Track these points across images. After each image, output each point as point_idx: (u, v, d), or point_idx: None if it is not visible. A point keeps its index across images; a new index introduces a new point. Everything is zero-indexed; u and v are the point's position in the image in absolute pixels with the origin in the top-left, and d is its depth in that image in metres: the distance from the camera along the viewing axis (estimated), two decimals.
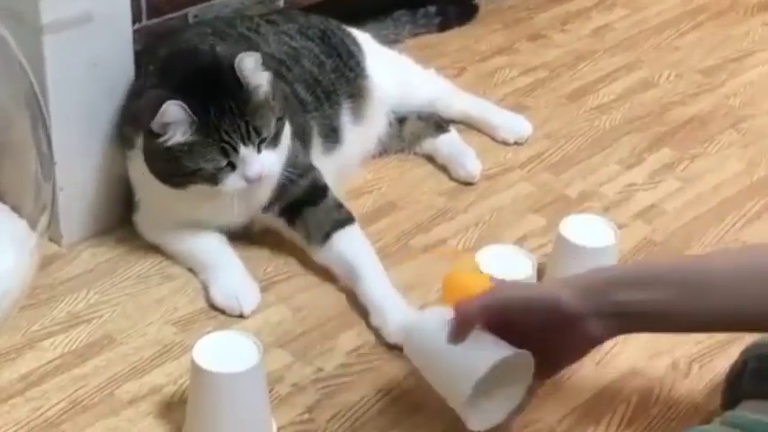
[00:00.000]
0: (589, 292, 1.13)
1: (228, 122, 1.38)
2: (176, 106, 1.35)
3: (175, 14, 1.74)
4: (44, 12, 1.38)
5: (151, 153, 1.41)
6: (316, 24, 1.72)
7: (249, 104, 1.39)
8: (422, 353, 1.21)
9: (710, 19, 2.24)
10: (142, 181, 1.50)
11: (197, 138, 1.37)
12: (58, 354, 1.36)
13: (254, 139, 1.40)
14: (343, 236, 1.48)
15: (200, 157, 1.38)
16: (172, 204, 1.48)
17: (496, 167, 1.76)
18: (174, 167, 1.40)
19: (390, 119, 1.75)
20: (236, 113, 1.38)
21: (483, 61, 2.04)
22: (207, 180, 1.40)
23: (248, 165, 1.40)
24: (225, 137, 1.38)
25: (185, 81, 1.39)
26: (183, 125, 1.36)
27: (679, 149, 1.82)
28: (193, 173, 1.39)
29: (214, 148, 1.38)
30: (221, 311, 1.44)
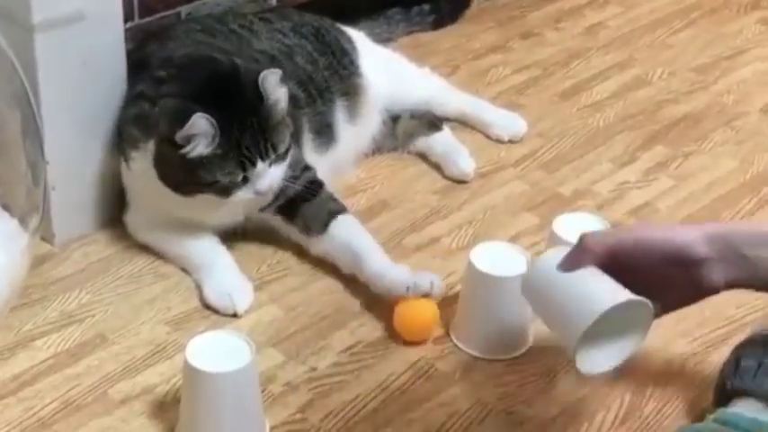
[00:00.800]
0: (719, 240, 1.09)
1: (250, 138, 1.38)
2: (204, 120, 1.34)
3: (168, 13, 1.73)
4: (35, 10, 1.38)
5: (165, 161, 1.40)
6: (309, 22, 1.72)
7: (269, 121, 1.40)
8: (539, 292, 1.16)
9: (703, 17, 2.24)
10: (138, 182, 1.49)
11: (218, 151, 1.37)
12: (50, 353, 1.36)
13: (270, 155, 1.40)
14: (339, 223, 1.49)
15: (218, 170, 1.37)
16: (166, 206, 1.47)
17: (490, 166, 1.76)
18: (189, 178, 1.39)
19: (384, 117, 1.75)
20: (257, 129, 1.38)
21: (476, 59, 2.04)
22: (219, 192, 1.40)
23: (260, 179, 1.40)
24: (245, 152, 1.37)
25: (208, 93, 1.38)
26: (207, 138, 1.35)
27: (672, 147, 1.82)
28: (208, 185, 1.39)
29: (233, 162, 1.37)
30: (214, 311, 1.43)
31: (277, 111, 1.41)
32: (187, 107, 1.35)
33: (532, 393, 1.33)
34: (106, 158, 1.53)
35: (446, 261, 1.54)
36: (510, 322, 1.38)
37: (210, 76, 1.42)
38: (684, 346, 1.40)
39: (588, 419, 1.29)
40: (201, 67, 1.45)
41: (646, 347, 1.39)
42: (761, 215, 1.66)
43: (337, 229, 1.49)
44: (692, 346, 1.40)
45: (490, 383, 1.34)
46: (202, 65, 1.46)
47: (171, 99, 1.40)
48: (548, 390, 1.33)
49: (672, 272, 1.10)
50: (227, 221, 1.51)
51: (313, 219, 1.50)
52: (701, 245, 1.09)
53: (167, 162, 1.40)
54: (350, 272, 1.47)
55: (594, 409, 1.31)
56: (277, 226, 1.53)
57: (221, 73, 1.42)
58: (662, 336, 1.40)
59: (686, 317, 1.40)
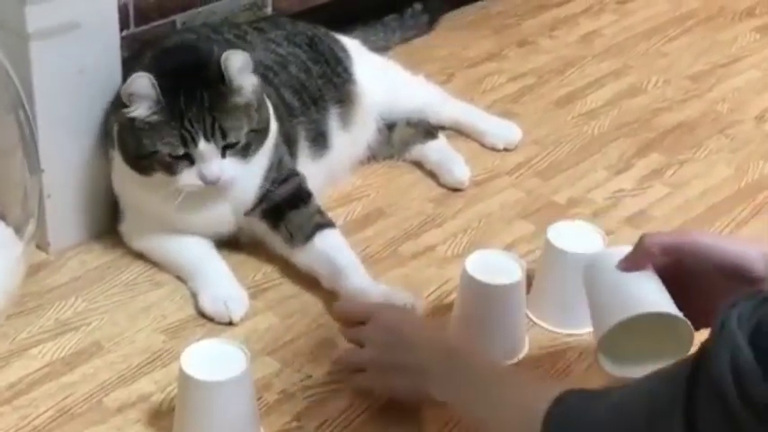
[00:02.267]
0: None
1: (195, 112, 1.37)
2: (145, 79, 1.35)
3: (163, 21, 1.74)
4: (30, 19, 1.38)
5: (121, 128, 1.42)
6: (303, 31, 1.72)
7: (224, 102, 1.39)
8: (591, 285, 1.20)
9: (698, 25, 2.24)
10: (123, 184, 1.50)
11: (160, 117, 1.37)
12: (45, 362, 1.36)
13: (217, 138, 1.38)
14: (324, 237, 1.48)
15: (158, 139, 1.37)
16: (150, 208, 1.48)
17: (485, 174, 1.76)
18: (136, 145, 1.39)
19: (379, 125, 1.75)
20: (205, 106, 1.38)
21: (471, 67, 2.05)
22: (164, 167, 1.39)
23: (206, 164, 1.39)
24: (187, 125, 1.37)
25: (170, 64, 1.40)
26: (148, 100, 1.36)
27: (667, 155, 1.82)
28: (151, 154, 1.39)
29: (174, 133, 1.37)
30: (210, 319, 1.43)
31: (238, 95, 1.40)
32: (137, 71, 1.37)
33: None
34: (101, 167, 1.53)
35: (441, 269, 1.54)
36: (506, 330, 1.38)
37: (181, 55, 1.44)
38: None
39: None
40: (176, 50, 1.49)
41: None
42: (755, 223, 1.66)
43: (321, 242, 1.48)
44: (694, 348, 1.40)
45: None
46: (178, 47, 1.50)
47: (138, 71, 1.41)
48: None
49: (724, 284, 1.10)
50: (215, 229, 1.51)
51: (298, 228, 1.49)
52: (760, 262, 1.09)
53: (121, 131, 1.41)
54: (329, 286, 1.46)
55: None
56: (262, 233, 1.52)
57: (192, 52, 1.44)
58: None
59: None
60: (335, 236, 1.50)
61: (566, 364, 1.38)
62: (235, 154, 1.41)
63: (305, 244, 1.48)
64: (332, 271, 1.46)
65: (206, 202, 1.45)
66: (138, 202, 1.50)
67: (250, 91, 1.42)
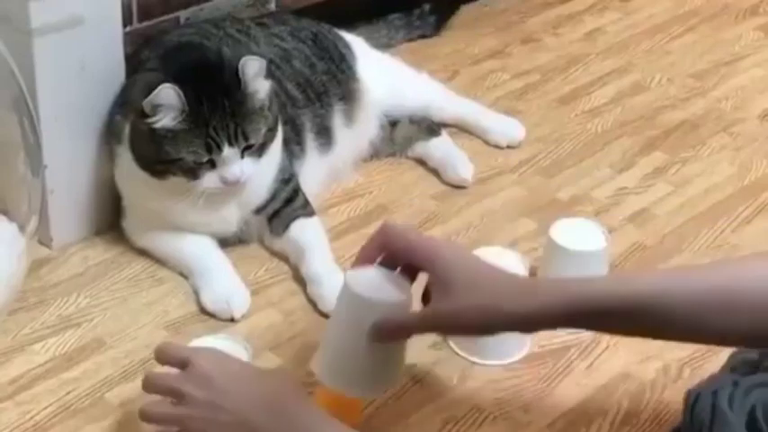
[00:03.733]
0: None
1: (219, 119, 1.38)
2: (172, 90, 1.35)
3: (166, 17, 1.73)
4: (34, 15, 1.38)
5: (137, 135, 1.42)
6: (307, 27, 1.72)
7: (243, 107, 1.40)
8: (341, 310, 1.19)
9: (702, 23, 2.24)
10: (128, 181, 1.50)
11: (184, 126, 1.37)
12: (48, 357, 1.36)
13: (240, 142, 1.40)
14: (299, 224, 1.52)
15: (183, 147, 1.38)
16: (156, 206, 1.48)
17: (488, 171, 1.76)
18: (156, 152, 1.39)
19: (382, 122, 1.75)
20: (227, 113, 1.38)
21: (475, 65, 2.05)
22: (185, 173, 1.40)
23: (228, 166, 1.40)
24: (212, 132, 1.38)
25: (185, 69, 1.40)
26: (173, 110, 1.37)
27: (670, 153, 1.82)
28: (173, 162, 1.39)
29: (199, 141, 1.38)
30: (212, 315, 1.43)
31: (254, 99, 1.41)
32: (159, 78, 1.37)
33: (530, 399, 1.33)
34: (104, 163, 1.53)
35: None
36: None
37: (191, 57, 1.44)
38: (682, 352, 1.39)
39: (585, 426, 1.29)
40: (186, 50, 1.48)
41: (643, 354, 1.39)
42: (758, 221, 1.66)
43: (295, 229, 1.52)
44: (688, 351, 1.40)
45: (487, 389, 1.34)
46: (188, 49, 1.49)
47: (150, 72, 1.42)
48: (545, 396, 1.33)
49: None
50: (221, 227, 1.51)
51: (280, 220, 1.52)
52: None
53: (139, 136, 1.41)
54: (297, 267, 1.50)
55: (592, 415, 1.31)
56: (258, 228, 1.55)
57: (203, 55, 1.44)
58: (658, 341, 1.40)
59: None
60: (311, 223, 1.53)
61: (567, 363, 1.38)
62: (251, 154, 1.42)
63: (282, 233, 1.52)
64: (298, 255, 1.49)
65: (216, 202, 1.45)
66: (143, 201, 1.50)
67: (265, 94, 1.43)
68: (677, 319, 1.03)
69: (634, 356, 1.39)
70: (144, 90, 1.37)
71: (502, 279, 1.11)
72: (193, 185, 1.41)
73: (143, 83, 1.40)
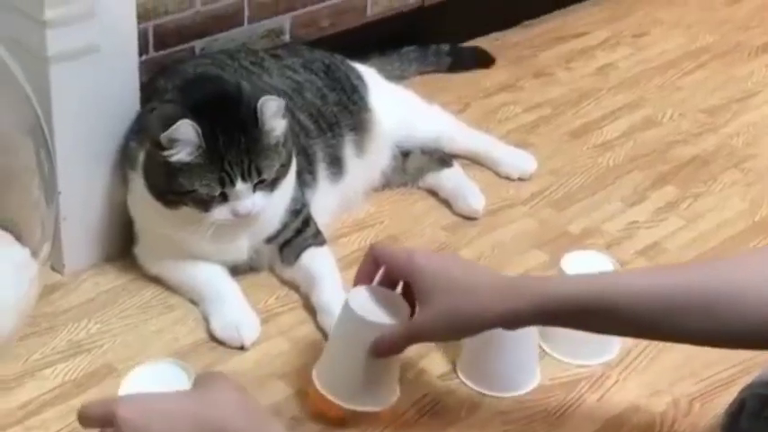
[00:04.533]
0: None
1: (234, 155, 1.39)
2: (190, 126, 1.36)
3: (182, 47, 1.75)
4: (51, 42, 1.39)
5: (151, 165, 1.43)
6: (320, 58, 1.73)
7: (258, 144, 1.41)
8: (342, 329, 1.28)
9: (714, 59, 2.25)
10: (141, 208, 1.51)
11: (200, 160, 1.38)
12: (58, 383, 1.36)
13: (253, 177, 1.41)
14: (310, 254, 1.53)
15: (197, 180, 1.39)
16: (167, 232, 1.48)
17: (499, 203, 1.76)
18: (169, 183, 1.40)
19: (394, 152, 1.75)
20: (242, 149, 1.39)
21: (487, 97, 2.05)
22: (197, 204, 1.41)
23: (240, 200, 1.41)
24: (227, 167, 1.39)
25: (203, 103, 1.41)
26: (190, 145, 1.38)
27: (682, 188, 1.82)
28: (186, 193, 1.40)
29: (213, 175, 1.39)
30: (221, 343, 1.43)
31: (270, 137, 1.42)
32: (177, 112, 1.38)
33: (540, 431, 1.32)
34: (117, 190, 1.54)
35: None
36: (518, 358, 1.37)
37: (211, 91, 1.45)
38: (692, 387, 1.39)
39: None
40: (206, 83, 1.49)
41: (654, 387, 1.39)
42: None
43: (306, 258, 1.53)
44: (698, 386, 1.39)
45: (497, 420, 1.34)
46: (206, 81, 1.50)
47: (169, 104, 1.43)
48: (555, 428, 1.32)
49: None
50: (232, 256, 1.52)
51: (292, 249, 1.53)
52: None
53: (153, 166, 1.42)
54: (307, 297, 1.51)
55: None
56: (269, 257, 1.56)
57: (223, 90, 1.45)
58: (669, 376, 1.40)
59: (694, 357, 1.40)
60: (322, 253, 1.54)
61: (578, 395, 1.38)
62: (264, 188, 1.43)
63: (294, 262, 1.53)
64: (309, 283, 1.50)
65: (226, 232, 1.46)
66: (154, 227, 1.51)
67: (281, 132, 1.44)
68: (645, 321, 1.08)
69: (644, 390, 1.38)
70: (161, 122, 1.38)
71: (475, 281, 1.16)
72: (204, 217, 1.42)
73: (161, 114, 1.41)
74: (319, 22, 1.94)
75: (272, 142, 1.43)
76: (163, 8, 1.70)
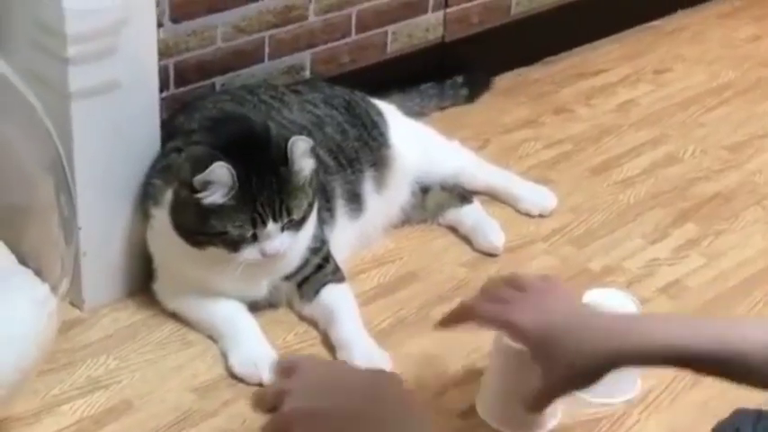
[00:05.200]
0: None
1: (266, 196, 1.39)
2: (225, 169, 1.37)
3: (202, 83, 1.76)
4: (72, 78, 1.40)
5: (181, 206, 1.43)
6: (340, 95, 1.74)
7: (289, 185, 1.42)
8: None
9: (736, 96, 2.24)
10: (161, 243, 1.51)
11: (232, 203, 1.39)
12: (76, 419, 1.36)
13: (284, 217, 1.41)
14: (329, 290, 1.53)
15: (229, 221, 1.39)
16: (187, 270, 1.49)
17: (519, 239, 1.75)
18: (200, 225, 1.41)
19: (414, 189, 1.75)
20: (275, 190, 1.40)
21: (507, 133, 2.05)
22: (227, 245, 1.41)
23: (270, 241, 1.41)
24: (259, 208, 1.39)
25: (232, 144, 1.41)
26: (224, 188, 1.38)
27: (703, 225, 1.81)
28: (217, 235, 1.40)
29: (245, 216, 1.39)
30: (240, 379, 1.43)
31: (299, 177, 1.43)
32: (211, 154, 1.39)
33: None
34: (137, 226, 1.54)
35: (473, 335, 1.52)
36: None
37: (239, 131, 1.45)
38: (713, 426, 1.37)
39: None
40: (233, 123, 1.50)
41: (674, 427, 1.37)
42: None
43: (326, 295, 1.53)
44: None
45: None
46: (233, 120, 1.51)
47: (198, 146, 1.43)
48: None
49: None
50: (252, 293, 1.52)
51: (311, 286, 1.53)
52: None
53: (183, 207, 1.42)
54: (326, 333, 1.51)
55: None
56: (287, 293, 1.56)
57: (251, 130, 1.46)
58: (691, 415, 1.38)
59: (717, 396, 1.39)
60: (341, 289, 1.54)
61: None
62: (291, 227, 1.43)
63: (313, 298, 1.53)
64: (328, 320, 1.50)
65: (248, 271, 1.46)
66: (175, 265, 1.51)
67: (309, 171, 1.45)
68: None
69: (665, 429, 1.37)
70: (193, 164, 1.39)
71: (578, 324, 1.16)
72: (233, 257, 1.42)
73: (191, 157, 1.41)
74: (339, 58, 1.95)
75: (301, 182, 1.43)
76: (184, 45, 1.71)
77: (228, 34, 1.76)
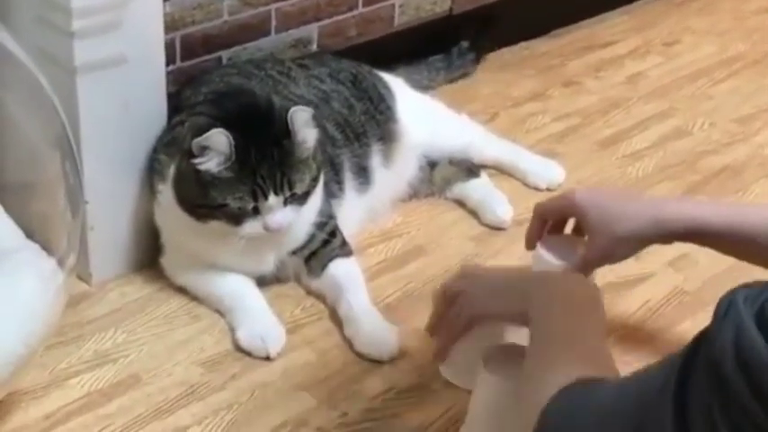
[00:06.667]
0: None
1: (267, 168, 1.39)
2: (223, 135, 1.36)
3: (209, 57, 1.75)
4: (78, 53, 1.40)
5: (182, 177, 1.43)
6: (347, 68, 1.73)
7: (291, 157, 1.41)
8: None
9: (746, 68, 2.23)
10: (168, 220, 1.51)
11: (231, 173, 1.38)
12: (84, 392, 1.36)
13: (285, 191, 1.41)
14: (337, 264, 1.53)
15: (228, 193, 1.39)
16: (194, 245, 1.49)
17: (527, 213, 1.72)
18: (201, 196, 1.40)
19: (421, 162, 1.75)
20: (276, 162, 1.39)
21: (515, 107, 2.04)
22: (229, 218, 1.41)
23: (272, 214, 1.41)
24: (259, 181, 1.39)
25: (235, 116, 1.41)
26: (221, 156, 1.38)
27: (712, 198, 1.80)
28: (218, 207, 1.40)
29: (246, 188, 1.39)
30: (247, 353, 1.43)
31: (302, 149, 1.42)
32: (210, 123, 1.38)
33: None
34: (144, 200, 1.54)
35: None
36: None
37: (242, 103, 1.45)
38: None
39: None
40: (236, 95, 1.50)
41: None
42: None
43: (333, 269, 1.52)
44: None
45: None
46: (238, 94, 1.51)
47: (200, 116, 1.43)
48: None
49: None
50: (259, 268, 1.52)
51: (318, 261, 1.53)
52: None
53: (184, 179, 1.42)
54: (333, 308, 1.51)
55: None
56: (294, 269, 1.55)
57: (254, 102, 1.45)
58: None
59: None
60: (348, 264, 1.54)
61: None
62: (294, 201, 1.43)
63: (320, 273, 1.52)
64: (335, 294, 1.49)
65: (254, 245, 1.46)
66: (182, 240, 1.51)
67: (312, 143, 1.44)
68: None
69: None
70: (194, 132, 1.39)
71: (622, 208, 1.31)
72: (235, 231, 1.42)
73: (193, 125, 1.41)
74: (347, 31, 1.94)
75: (304, 155, 1.42)
76: (190, 18, 1.70)
77: (235, 7, 1.75)
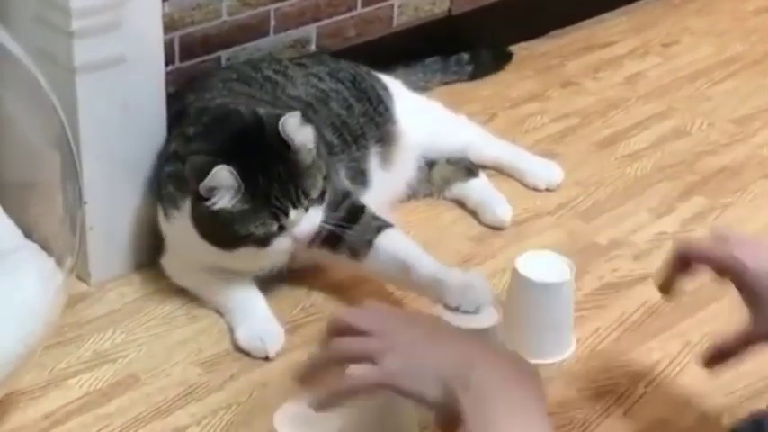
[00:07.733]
0: None
1: (278, 188, 1.38)
2: (225, 171, 1.35)
3: (208, 57, 1.75)
4: (77, 53, 1.40)
5: (201, 218, 1.41)
6: (345, 68, 1.73)
7: (297, 167, 1.40)
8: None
9: (744, 69, 2.23)
10: (179, 235, 1.49)
11: (245, 204, 1.37)
12: (82, 392, 1.36)
13: (303, 201, 1.39)
14: (385, 236, 1.47)
15: (249, 223, 1.38)
16: (209, 258, 1.47)
17: (526, 214, 1.75)
18: (224, 232, 1.39)
19: (420, 163, 1.75)
20: (285, 178, 1.38)
21: (514, 107, 2.05)
22: (257, 243, 1.40)
23: (297, 227, 1.40)
24: (275, 202, 1.38)
25: (231, 145, 1.39)
26: (230, 190, 1.36)
27: (711, 199, 1.80)
28: (244, 237, 1.39)
29: (264, 214, 1.38)
30: (246, 353, 1.43)
31: (304, 154, 1.41)
32: (210, 161, 1.36)
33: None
34: (144, 200, 1.54)
35: None
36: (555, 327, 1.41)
37: (233, 130, 1.42)
38: (722, 399, 1.37)
39: None
40: (225, 122, 1.45)
41: (683, 399, 1.37)
42: None
43: (383, 242, 1.47)
44: (729, 399, 1.37)
45: None
46: (226, 119, 1.46)
47: (197, 156, 1.40)
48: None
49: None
50: (271, 265, 1.51)
51: (359, 240, 1.48)
52: None
53: (203, 219, 1.41)
54: (405, 286, 1.48)
55: None
56: (323, 258, 1.52)
57: (244, 126, 1.42)
58: (698, 389, 1.38)
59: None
60: (396, 233, 1.49)
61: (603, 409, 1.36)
62: (314, 203, 1.42)
63: (369, 251, 1.47)
64: (401, 268, 1.45)
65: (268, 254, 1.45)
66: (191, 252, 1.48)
67: (311, 142, 1.42)
68: None
69: (673, 403, 1.37)
70: (197, 174, 1.36)
71: None
72: (266, 252, 1.41)
73: (194, 167, 1.38)
74: (345, 32, 1.94)
75: (309, 159, 1.41)
76: (189, 18, 1.71)
77: (234, 8, 1.76)
